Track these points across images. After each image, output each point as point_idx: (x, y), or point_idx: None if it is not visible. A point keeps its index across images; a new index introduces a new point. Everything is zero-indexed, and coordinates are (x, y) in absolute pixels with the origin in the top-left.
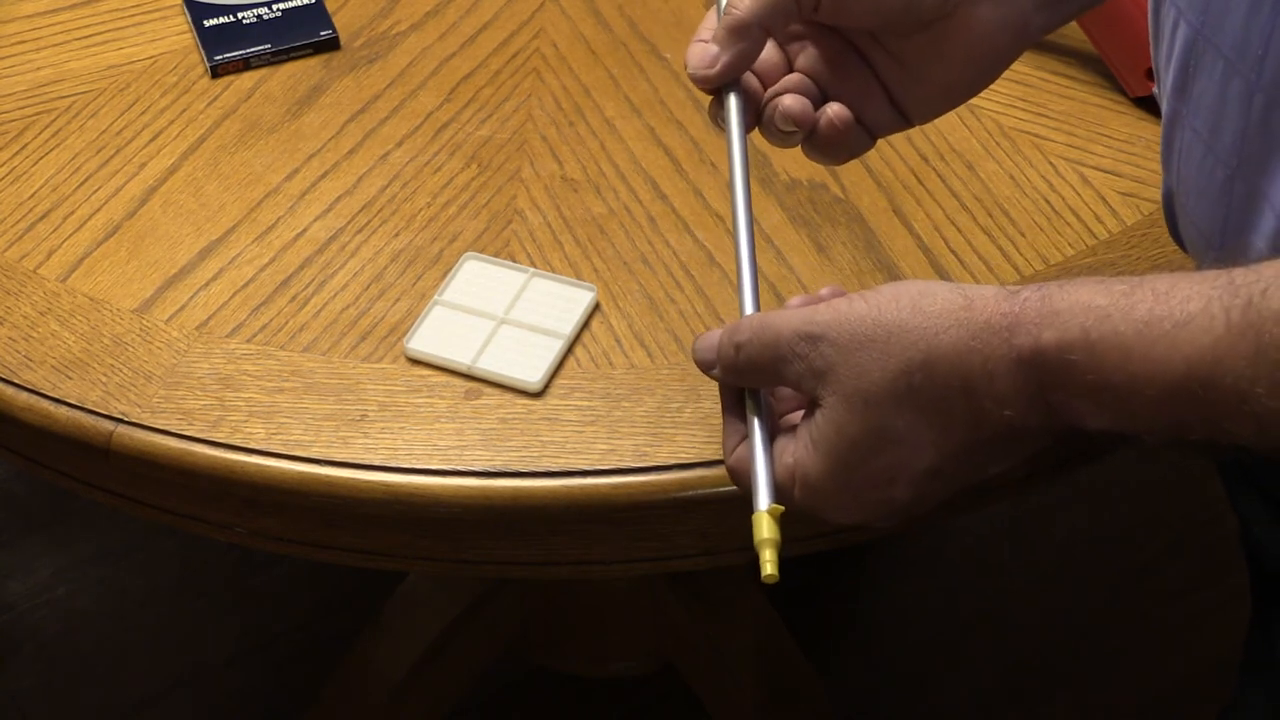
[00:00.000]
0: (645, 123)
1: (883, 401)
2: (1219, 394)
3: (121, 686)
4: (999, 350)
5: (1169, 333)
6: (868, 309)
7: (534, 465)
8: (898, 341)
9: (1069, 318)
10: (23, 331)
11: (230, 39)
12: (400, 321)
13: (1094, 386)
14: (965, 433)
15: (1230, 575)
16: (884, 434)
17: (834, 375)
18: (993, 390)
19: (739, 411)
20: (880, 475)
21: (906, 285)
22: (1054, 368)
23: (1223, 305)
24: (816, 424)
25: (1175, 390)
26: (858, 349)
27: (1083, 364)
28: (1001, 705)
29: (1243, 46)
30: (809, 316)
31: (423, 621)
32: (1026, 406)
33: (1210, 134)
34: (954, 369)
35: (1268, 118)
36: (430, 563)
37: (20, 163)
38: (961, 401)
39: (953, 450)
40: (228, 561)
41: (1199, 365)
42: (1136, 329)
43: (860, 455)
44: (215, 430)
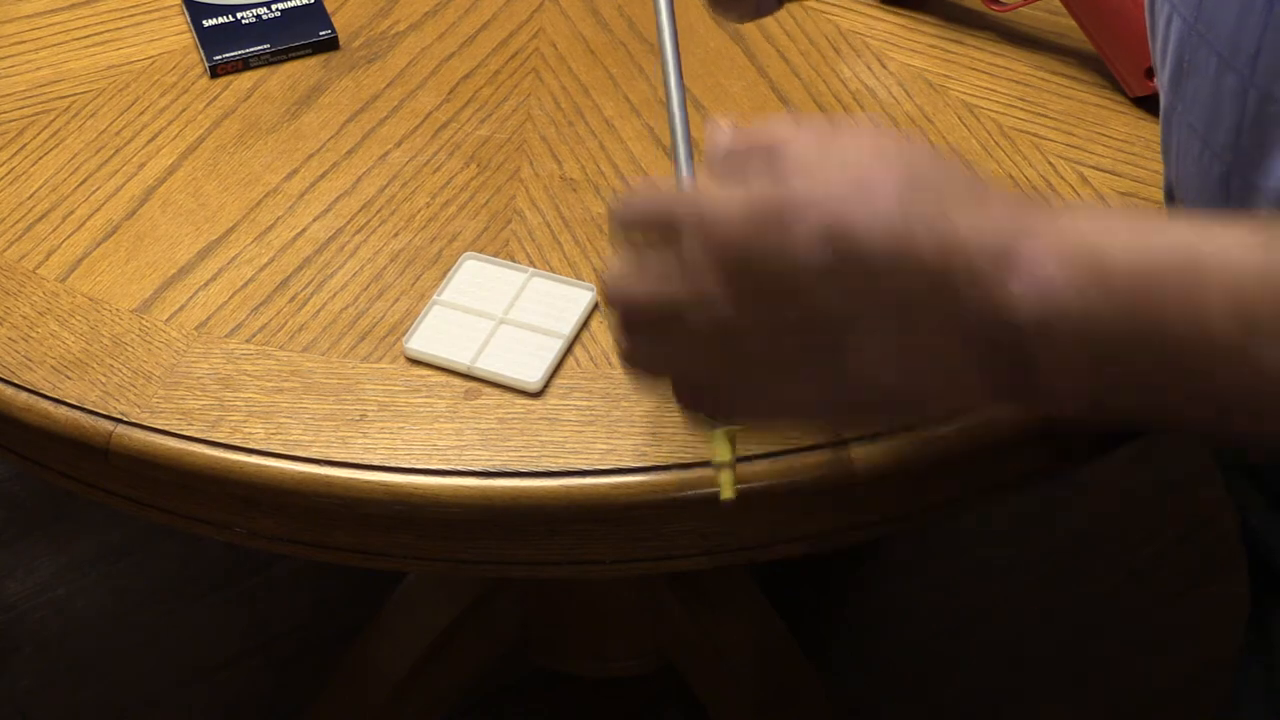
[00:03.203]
0: (645, 122)
1: (904, 145)
2: (1212, 274)
3: (121, 686)
4: (1002, 194)
5: (1178, 223)
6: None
7: (533, 465)
8: (906, 150)
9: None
10: (22, 332)
11: (229, 39)
12: (399, 321)
13: (1073, 232)
14: (919, 216)
15: (1229, 574)
16: (867, 157)
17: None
18: (971, 204)
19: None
20: (824, 193)
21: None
22: (1042, 212)
23: (1250, 231)
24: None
25: (1166, 252)
26: (867, 150)
27: (1077, 217)
28: (1001, 705)
29: (1236, 42)
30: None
31: (423, 621)
32: (988, 233)
33: (1206, 130)
34: (955, 174)
35: (1262, 113)
36: (430, 563)
37: (19, 163)
38: (942, 196)
39: (894, 225)
40: (228, 561)
41: (1205, 242)
42: (1140, 214)
43: (800, 210)
44: (214, 430)
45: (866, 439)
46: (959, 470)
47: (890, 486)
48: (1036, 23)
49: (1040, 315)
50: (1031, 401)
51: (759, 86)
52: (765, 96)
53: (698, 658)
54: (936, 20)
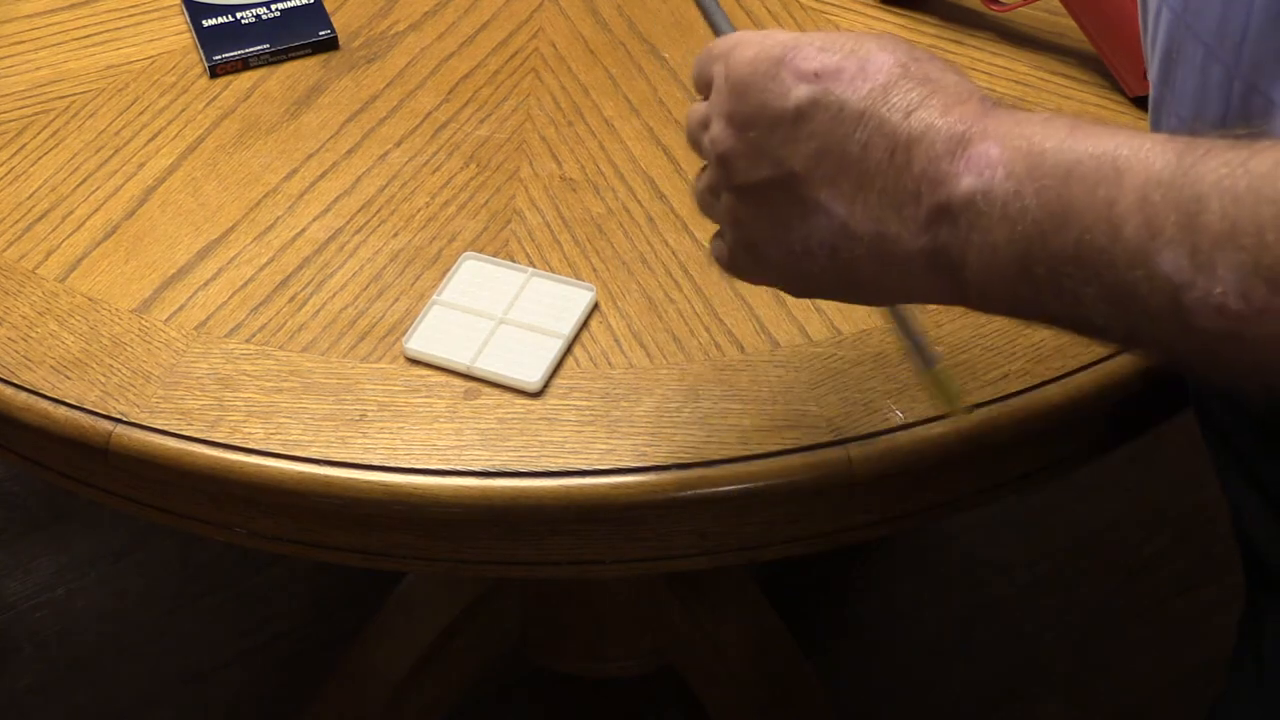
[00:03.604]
0: (644, 122)
1: (888, 44)
2: (1130, 175)
3: (121, 686)
4: (970, 105)
5: (1115, 131)
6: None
7: (533, 465)
8: (913, 50)
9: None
10: (22, 332)
11: (229, 39)
12: (399, 321)
13: (1019, 134)
14: (896, 106)
15: (1228, 574)
16: (862, 52)
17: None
18: (948, 103)
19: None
20: (817, 64)
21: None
22: (1002, 117)
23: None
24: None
25: (1090, 159)
26: (877, 38)
27: (1027, 123)
28: (1001, 704)
29: (1221, 33)
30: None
31: (423, 621)
32: (952, 129)
33: (1193, 120)
34: (942, 76)
35: (1247, 104)
36: (430, 563)
37: (19, 163)
38: (923, 92)
39: (871, 106)
40: (228, 561)
41: (1125, 147)
42: (1091, 122)
43: (829, 43)
44: (214, 430)
45: (866, 439)
46: (959, 470)
47: (890, 486)
48: (1036, 23)
49: (973, 189)
50: (960, 286)
51: None
52: None
53: (698, 658)
54: (936, 20)
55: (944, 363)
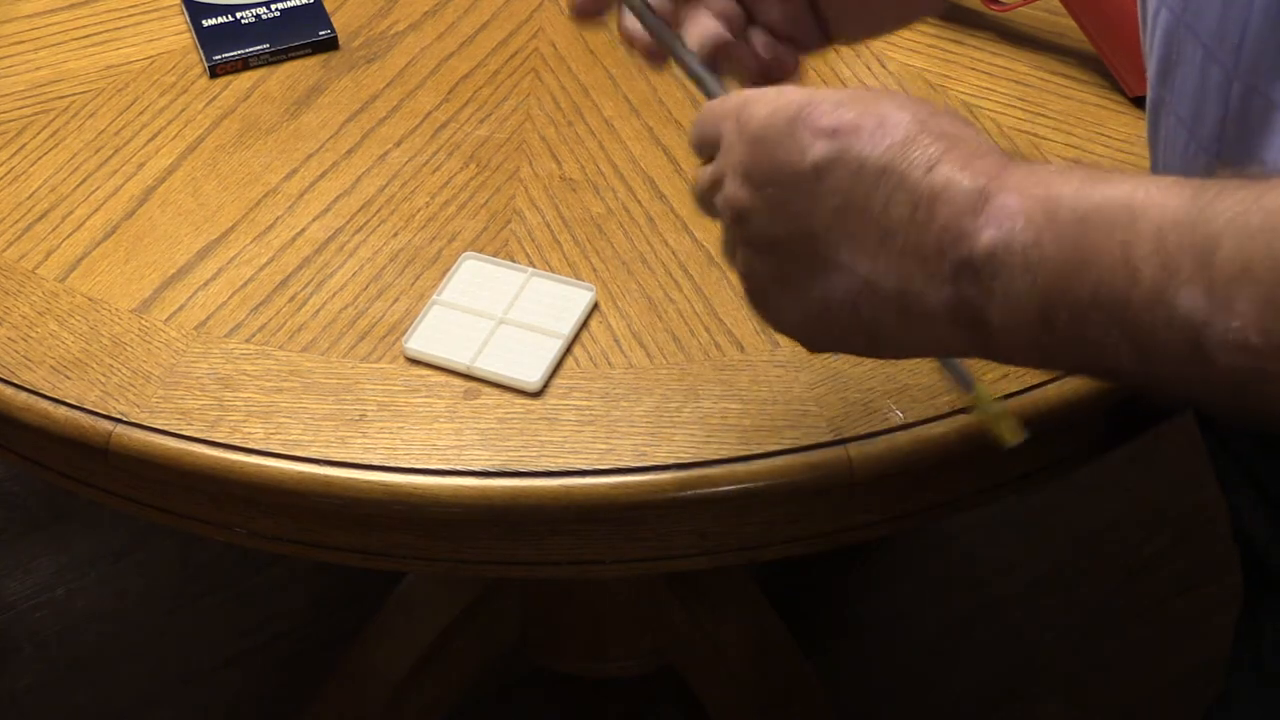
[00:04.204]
0: (644, 122)
1: (903, 101)
2: (1143, 224)
3: (121, 686)
4: (987, 160)
5: (1131, 176)
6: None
7: (533, 465)
8: (928, 106)
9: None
10: (21, 332)
11: (229, 39)
12: (399, 321)
13: (1037, 184)
14: (916, 162)
15: (1228, 574)
16: (878, 109)
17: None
18: (968, 159)
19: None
20: (834, 121)
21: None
22: (1020, 169)
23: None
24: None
25: (1106, 203)
26: (891, 95)
27: (1043, 172)
28: (1000, 704)
29: (1221, 34)
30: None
31: (423, 621)
32: (972, 186)
33: (1192, 121)
34: (962, 131)
35: (1246, 105)
36: (429, 563)
37: (19, 163)
38: (942, 147)
39: (890, 162)
40: (228, 561)
41: (1139, 192)
42: (1096, 170)
43: (844, 99)
44: (214, 430)
45: (866, 438)
46: (959, 470)
47: (890, 486)
48: (1036, 23)
49: (994, 241)
50: (985, 339)
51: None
52: None
53: (697, 658)
54: (936, 20)
55: (988, 391)
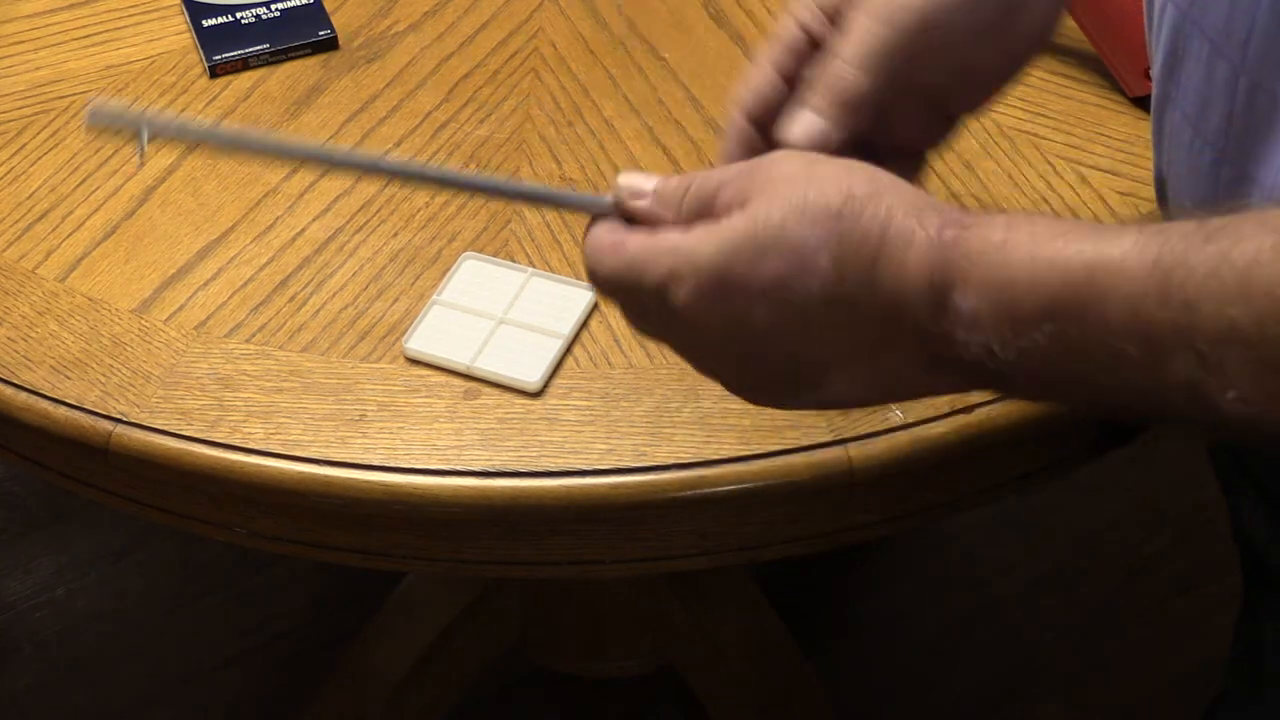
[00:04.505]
0: (644, 122)
1: (806, 210)
2: (1112, 301)
3: (121, 686)
4: (928, 226)
5: (1078, 242)
6: (836, 158)
7: (533, 465)
8: (854, 175)
9: (997, 222)
10: (21, 332)
11: (229, 39)
12: (399, 321)
13: (991, 283)
14: (856, 286)
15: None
16: (791, 239)
17: (775, 182)
18: (903, 263)
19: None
20: (759, 279)
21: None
22: (964, 257)
23: (1138, 228)
24: (730, 217)
25: (1069, 292)
26: (812, 164)
27: (991, 259)
28: (1000, 704)
29: (1228, 29)
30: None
31: (422, 621)
32: (922, 297)
33: (1198, 117)
34: (885, 219)
35: (1253, 101)
36: (429, 563)
37: (19, 163)
38: (872, 253)
39: (833, 300)
40: (228, 561)
41: (1099, 269)
42: (1051, 237)
43: (757, 247)
44: (214, 430)
45: (866, 438)
46: (959, 470)
47: (890, 486)
48: None
49: (966, 341)
50: (983, 382)
51: None
52: None
53: (697, 658)
54: None
55: None
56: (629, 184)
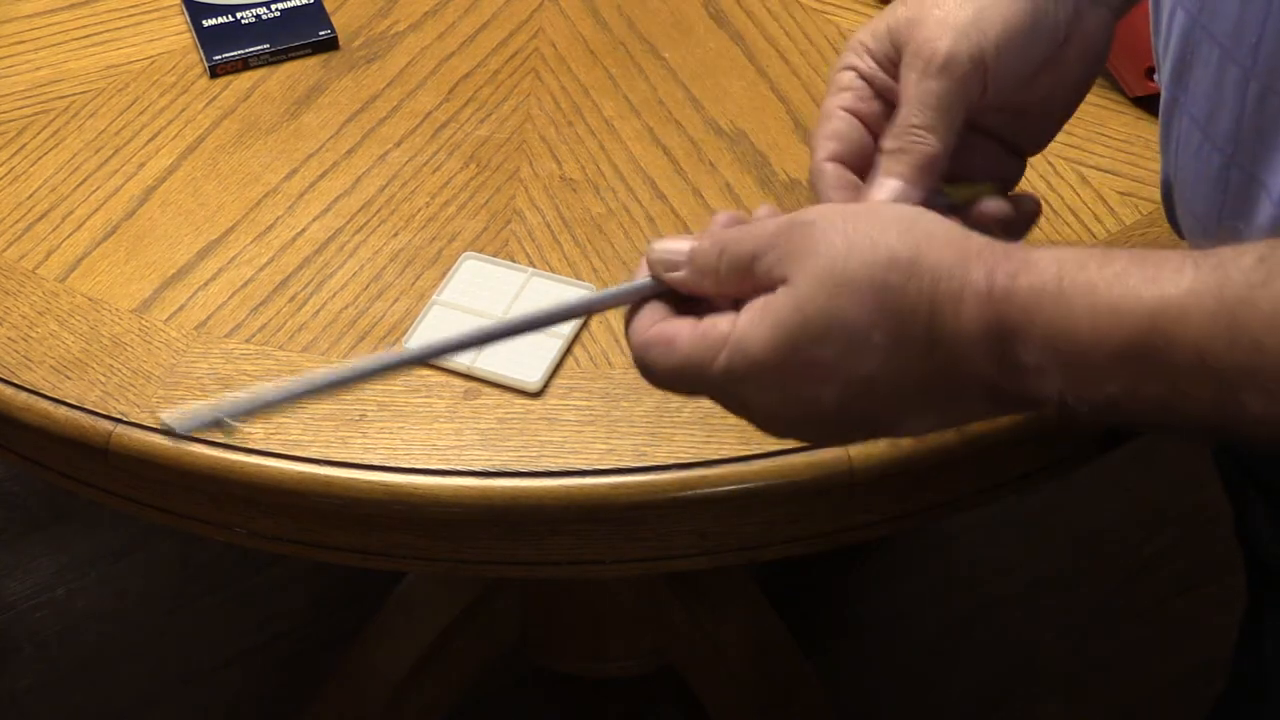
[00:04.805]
0: (644, 122)
1: (853, 289)
2: (1180, 347)
3: (121, 686)
4: (976, 283)
5: (1136, 285)
6: (866, 209)
7: (533, 465)
8: (888, 240)
9: (1045, 266)
10: (22, 332)
11: (229, 39)
12: (399, 321)
13: (1056, 337)
14: (914, 356)
15: (1228, 574)
16: (841, 322)
17: (812, 256)
18: (957, 322)
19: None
20: (820, 366)
21: (902, 205)
22: (1021, 313)
23: (1194, 263)
24: (774, 297)
25: (1137, 342)
26: (846, 236)
27: (1050, 312)
28: (1001, 704)
29: (1238, 34)
30: (796, 212)
31: (422, 621)
32: (983, 352)
33: (1206, 121)
34: (931, 285)
35: (1263, 105)
36: (429, 563)
37: (19, 163)
38: (925, 319)
39: (895, 368)
40: (228, 561)
41: (1163, 316)
42: (1108, 281)
43: (810, 338)
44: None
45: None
46: (959, 470)
47: (890, 486)
48: None
49: (1034, 391)
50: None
51: (759, 86)
52: (765, 97)
53: (697, 658)
54: None
55: None
56: (664, 253)
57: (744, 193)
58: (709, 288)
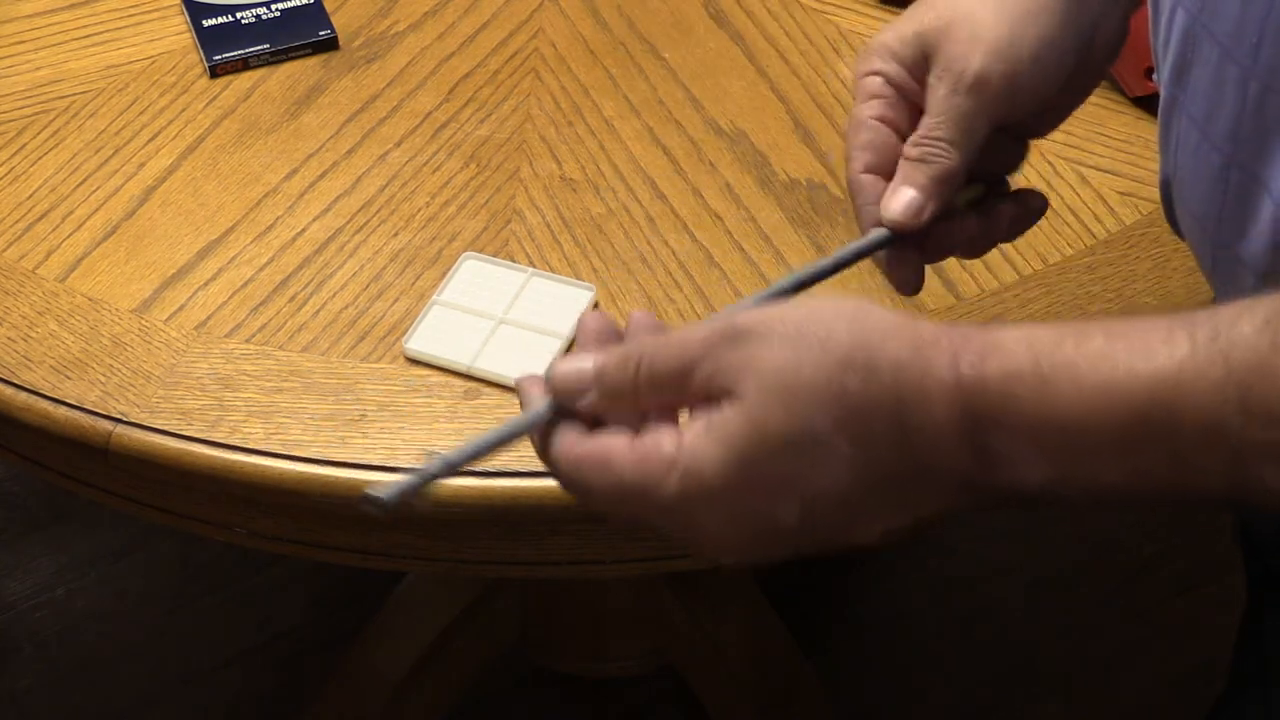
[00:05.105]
0: (644, 122)
1: (810, 399)
2: (1188, 423)
3: (121, 686)
4: (939, 372)
5: (1125, 361)
6: (804, 311)
7: (533, 465)
8: (838, 341)
9: (1015, 348)
10: (22, 332)
11: (229, 39)
12: (399, 321)
13: (1040, 425)
14: (885, 456)
15: (1228, 574)
16: (801, 433)
17: (758, 365)
18: (926, 416)
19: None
20: (777, 483)
21: (841, 298)
22: (996, 401)
23: (1187, 334)
24: (721, 414)
25: (1135, 421)
26: (791, 343)
27: (1029, 398)
28: (1000, 705)
29: (1238, 33)
30: (727, 319)
31: (423, 621)
32: (957, 442)
33: (1206, 121)
34: (894, 379)
35: (1263, 104)
36: (430, 563)
37: (19, 163)
38: (892, 417)
39: (865, 473)
40: (228, 561)
41: (1162, 392)
42: (1091, 360)
43: (768, 454)
44: (214, 430)
45: None
46: None
47: None
48: None
49: (1031, 483)
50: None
51: (759, 86)
52: (765, 97)
53: (698, 658)
54: None
55: None
56: (565, 379)
57: (744, 193)
58: (626, 408)
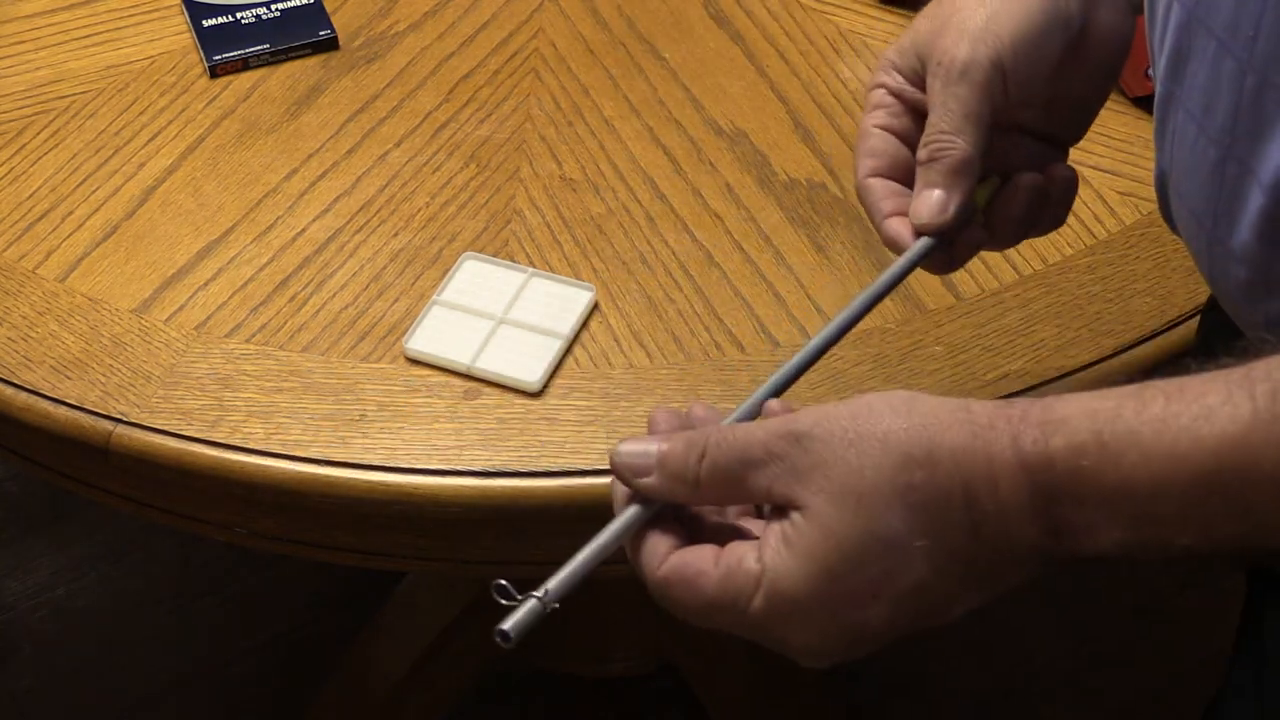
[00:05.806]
0: (644, 122)
1: (878, 500)
2: (1255, 483)
3: (121, 686)
4: (1003, 455)
5: (1190, 426)
6: (856, 408)
7: (533, 465)
8: (896, 438)
9: (1077, 422)
10: (22, 332)
11: (229, 39)
12: (399, 321)
13: (1110, 493)
14: (961, 543)
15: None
16: (876, 537)
17: (821, 472)
18: (995, 497)
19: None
20: (864, 589)
21: (890, 392)
22: (1065, 476)
23: (1247, 393)
24: (795, 526)
25: (1204, 485)
26: (851, 444)
27: (1096, 469)
28: (999, 705)
29: (1234, 27)
30: (786, 419)
31: (422, 621)
32: (1029, 519)
33: (1203, 115)
34: (957, 468)
35: (1259, 98)
36: (429, 563)
37: (19, 163)
38: (961, 505)
39: (943, 563)
40: (228, 561)
41: (1230, 455)
42: (1154, 427)
43: (849, 563)
44: (214, 430)
45: None
46: None
47: None
48: None
49: (1107, 548)
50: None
51: (759, 86)
52: (765, 97)
53: (698, 658)
54: None
55: None
56: (629, 456)
57: (744, 193)
58: (684, 495)
